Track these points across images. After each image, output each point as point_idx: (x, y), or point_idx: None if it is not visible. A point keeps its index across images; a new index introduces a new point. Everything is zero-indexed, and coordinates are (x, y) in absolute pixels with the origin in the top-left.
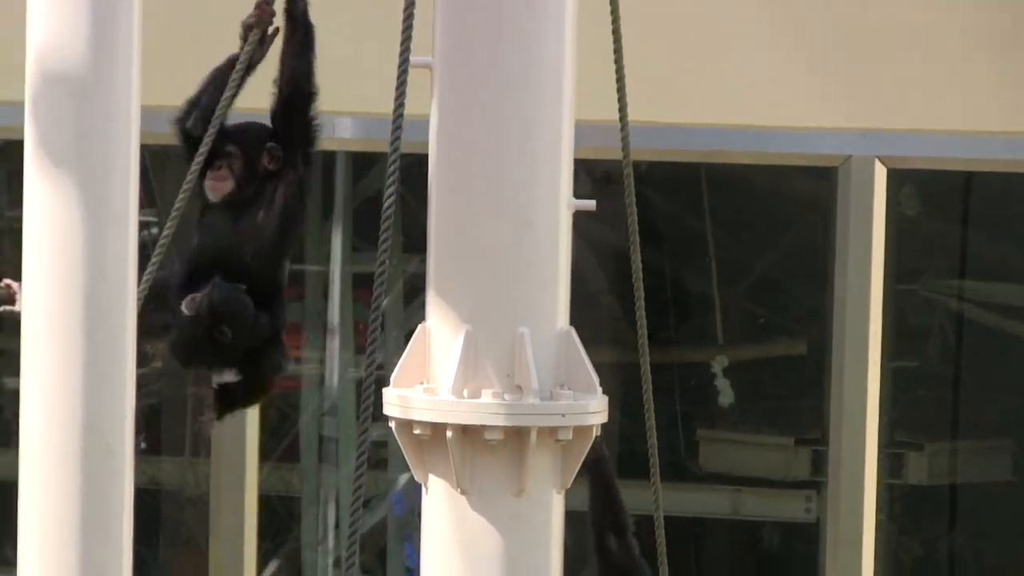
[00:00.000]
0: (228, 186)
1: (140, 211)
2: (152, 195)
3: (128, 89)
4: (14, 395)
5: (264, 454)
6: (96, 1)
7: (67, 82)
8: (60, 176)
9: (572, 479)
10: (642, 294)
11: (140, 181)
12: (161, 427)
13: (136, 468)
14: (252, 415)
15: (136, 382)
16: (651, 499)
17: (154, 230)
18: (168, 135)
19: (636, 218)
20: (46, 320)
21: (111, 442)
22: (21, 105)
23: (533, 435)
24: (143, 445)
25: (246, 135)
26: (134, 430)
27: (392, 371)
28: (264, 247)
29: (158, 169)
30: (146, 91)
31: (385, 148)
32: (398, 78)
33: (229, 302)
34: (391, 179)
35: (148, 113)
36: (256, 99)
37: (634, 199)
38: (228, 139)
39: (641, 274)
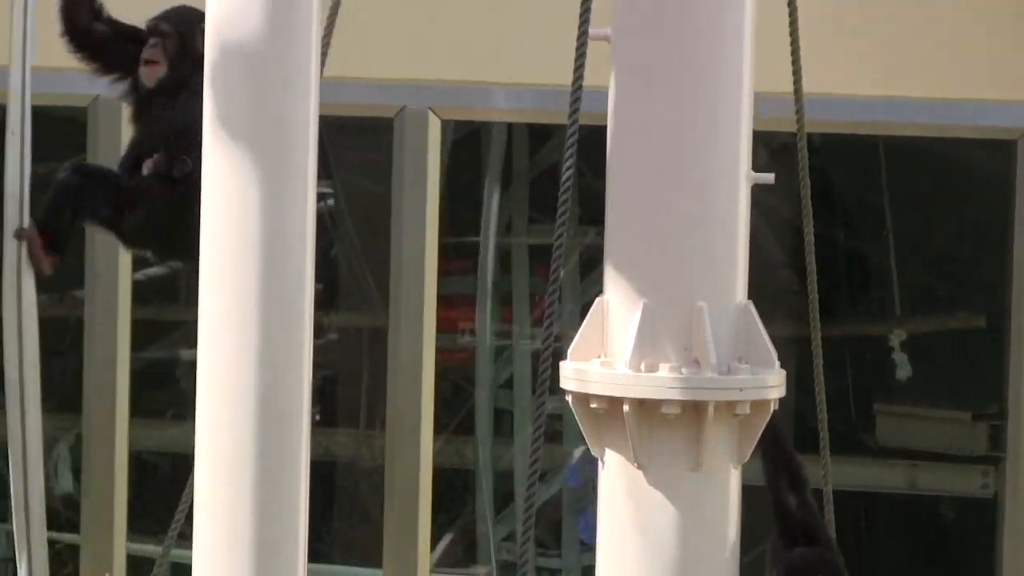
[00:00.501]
0: (161, 68)
1: (316, 182)
2: (328, 167)
3: (307, 59)
4: (191, 367)
5: (439, 427)
6: None
7: (245, 53)
8: (237, 148)
9: (749, 453)
10: (814, 267)
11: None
12: (336, 399)
13: (311, 440)
14: (427, 387)
15: (312, 353)
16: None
17: (330, 201)
18: (344, 107)
19: (809, 191)
20: (223, 292)
21: (287, 414)
22: None
23: (711, 410)
24: (317, 417)
25: (179, 16)
26: (310, 402)
27: (569, 344)
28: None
29: (334, 140)
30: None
31: (563, 120)
32: (577, 50)
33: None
34: (569, 151)
35: (324, 84)
36: None
37: (807, 171)
38: (161, 20)
39: (813, 247)
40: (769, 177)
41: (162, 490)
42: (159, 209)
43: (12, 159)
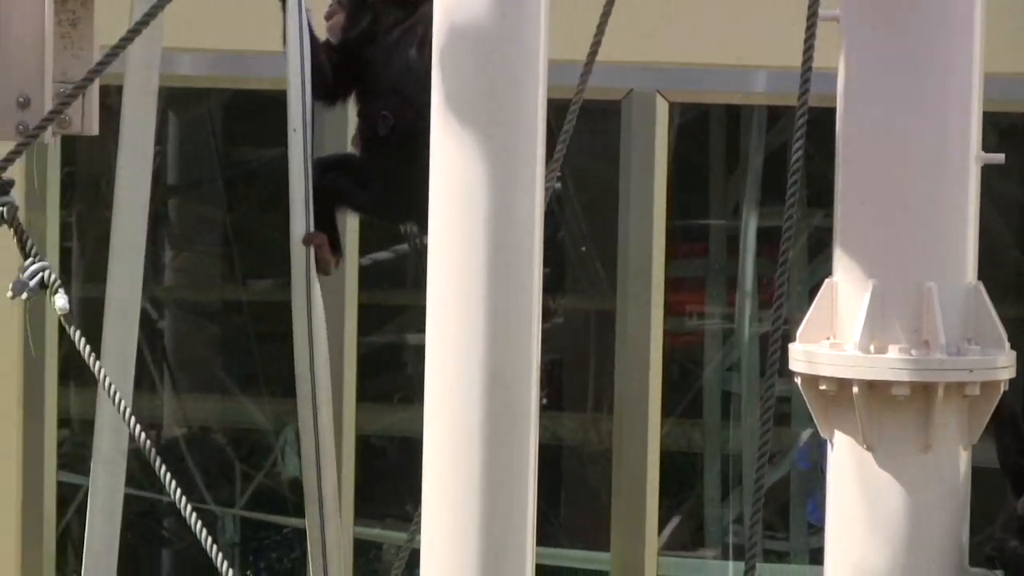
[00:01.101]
0: (340, 19)
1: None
2: (553, 149)
3: (536, 42)
4: (419, 351)
5: (666, 410)
6: None
7: (474, 37)
8: (466, 131)
9: (979, 435)
10: None
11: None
12: (563, 382)
13: (538, 424)
14: (655, 370)
15: (540, 337)
16: None
17: (557, 185)
18: (572, 89)
19: None
20: (452, 275)
21: (515, 397)
22: None
23: (940, 391)
24: (544, 401)
25: None
26: (538, 386)
27: (796, 326)
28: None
29: (560, 122)
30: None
31: (792, 101)
32: (806, 31)
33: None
34: (799, 132)
35: (551, 66)
36: None
37: None
38: None
39: None
40: (999, 158)
41: (389, 475)
42: (385, 174)
43: (295, 159)
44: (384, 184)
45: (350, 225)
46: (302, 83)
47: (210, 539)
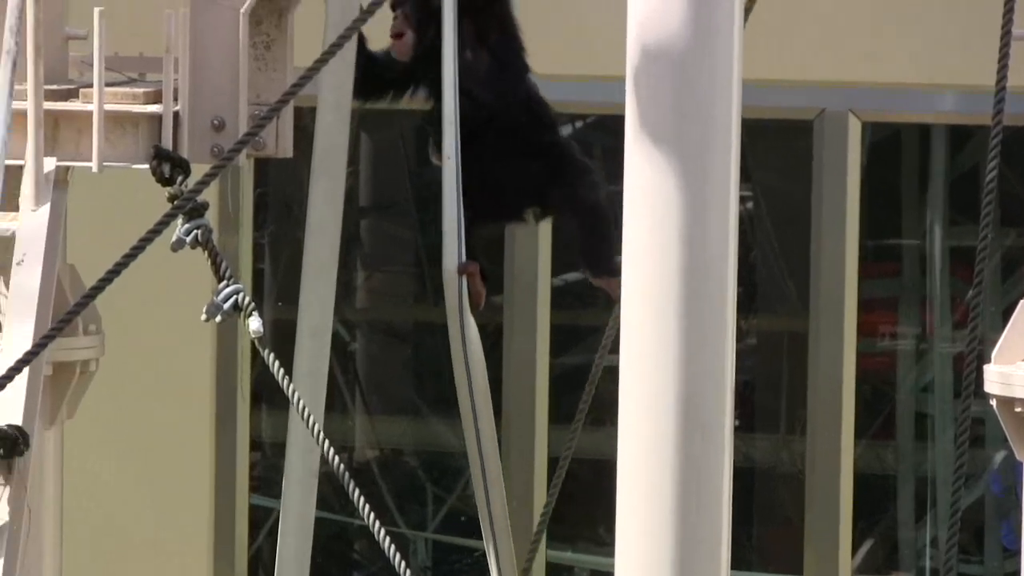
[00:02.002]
0: (408, 39)
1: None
2: (747, 170)
3: (729, 64)
4: (611, 372)
5: (859, 431)
6: None
7: (667, 57)
8: (660, 151)
9: None
10: None
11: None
12: (755, 403)
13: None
14: (848, 391)
15: (734, 358)
16: None
17: (749, 205)
18: (764, 109)
19: None
20: (644, 296)
21: (709, 418)
22: (619, 81)
23: None
24: (737, 422)
25: None
26: (732, 408)
27: (991, 347)
28: (490, 82)
29: (754, 143)
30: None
31: (984, 121)
32: (1000, 50)
33: None
34: (993, 152)
35: (744, 87)
36: None
37: None
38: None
39: None
40: None
41: (580, 497)
42: (477, 178)
43: (448, 188)
44: (480, 188)
45: (541, 245)
46: (454, 111)
47: (403, 563)
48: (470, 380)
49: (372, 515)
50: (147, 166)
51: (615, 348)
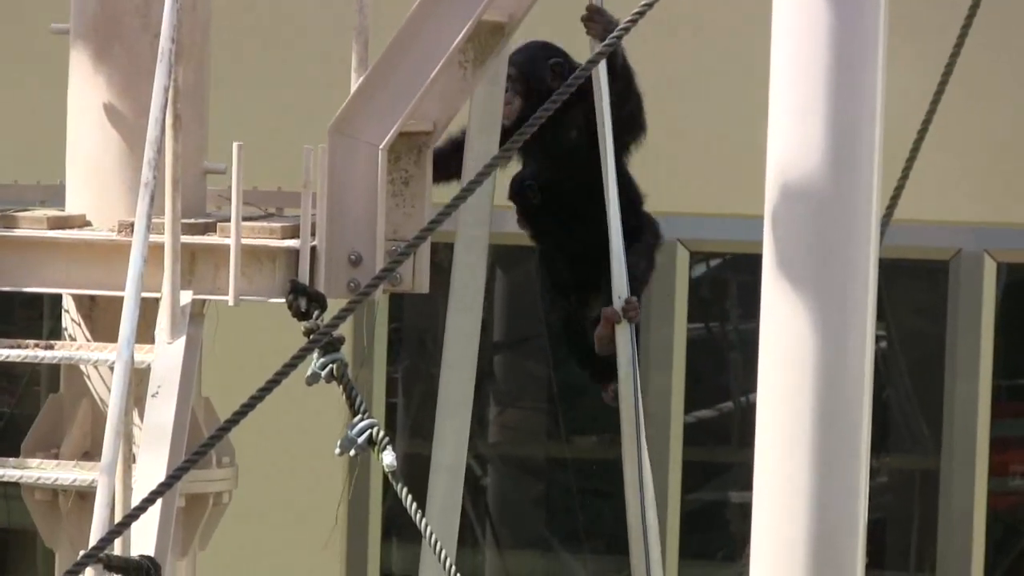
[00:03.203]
0: (515, 106)
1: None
2: (883, 308)
3: (868, 202)
4: (742, 508)
5: (989, 570)
6: (837, 114)
7: (806, 196)
8: (797, 290)
9: None
10: None
11: None
12: (886, 541)
13: None
14: (978, 531)
15: (867, 496)
16: None
17: (883, 344)
18: (901, 249)
19: None
20: (779, 434)
21: (842, 555)
22: (757, 219)
23: None
24: (867, 559)
25: (524, 54)
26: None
27: None
28: (586, 163)
29: (889, 282)
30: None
31: None
32: None
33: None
34: None
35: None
36: None
37: None
38: (508, 66)
39: None
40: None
41: None
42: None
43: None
44: (570, 261)
45: (675, 380)
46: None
47: None
48: (644, 506)
49: None
50: (283, 300)
51: (745, 483)
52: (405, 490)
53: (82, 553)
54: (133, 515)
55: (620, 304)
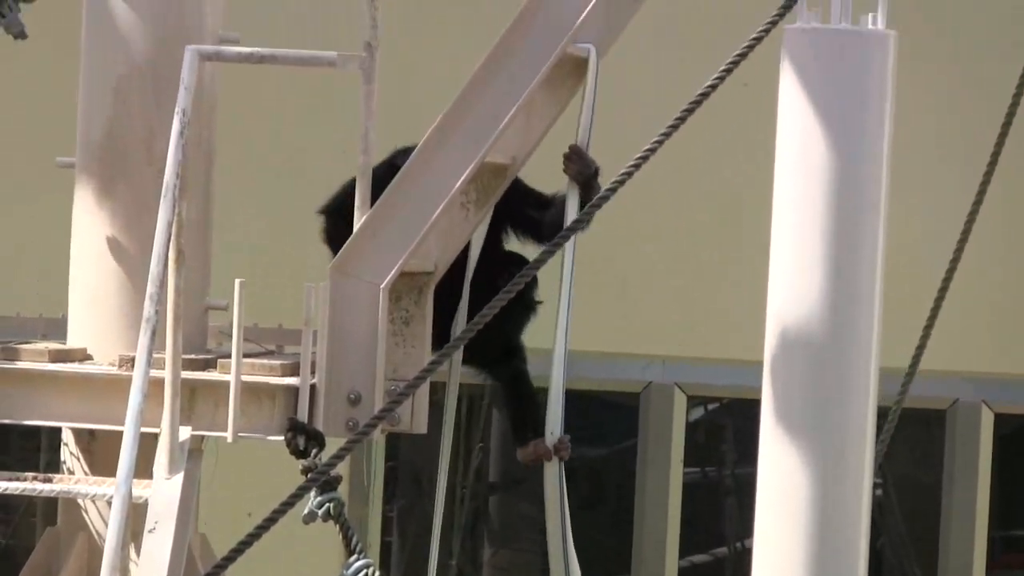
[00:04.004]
0: None
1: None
2: (878, 457)
3: (867, 351)
4: None
5: None
6: (837, 265)
7: (805, 345)
8: (794, 437)
9: None
10: None
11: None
12: None
13: None
14: None
15: None
16: None
17: (879, 491)
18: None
19: None
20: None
21: None
22: (754, 365)
23: None
24: None
25: None
26: None
27: None
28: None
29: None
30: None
31: None
32: None
33: None
34: None
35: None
36: None
37: None
38: None
39: None
40: None
41: None
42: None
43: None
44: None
45: (671, 526)
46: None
47: None
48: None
49: None
50: (282, 438)
51: None
52: None
53: None
54: None
55: (552, 441)
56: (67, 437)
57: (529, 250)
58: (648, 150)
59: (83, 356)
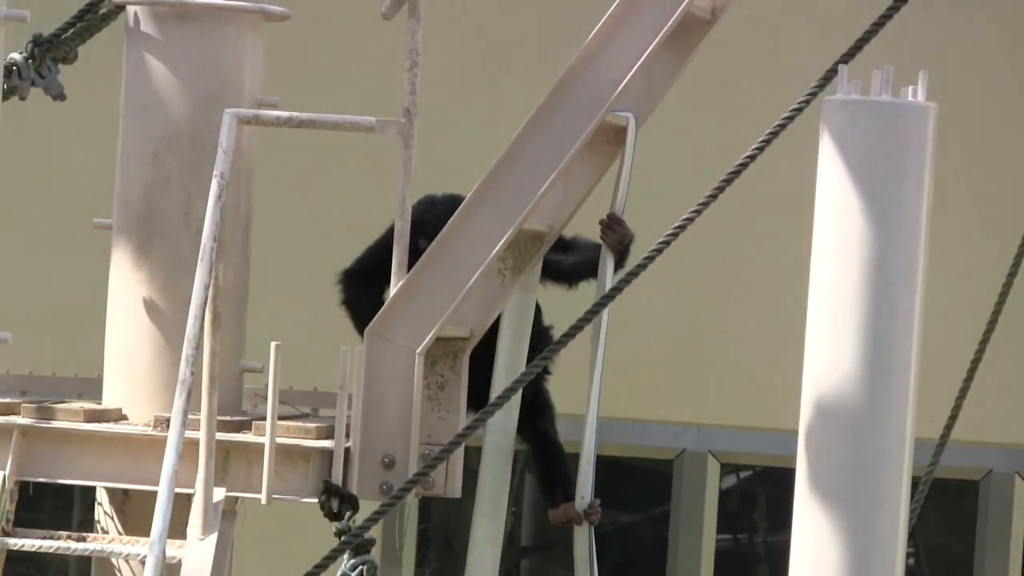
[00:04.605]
0: None
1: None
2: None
3: (903, 421)
4: None
5: None
6: (873, 333)
7: (841, 413)
8: (828, 507)
9: None
10: None
11: None
12: None
13: None
14: None
15: None
16: None
17: (911, 561)
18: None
19: None
20: None
21: None
22: (788, 434)
23: None
24: None
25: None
26: None
27: None
28: None
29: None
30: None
31: None
32: None
33: None
34: None
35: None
36: None
37: None
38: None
39: None
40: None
41: None
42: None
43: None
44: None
45: (704, 558)
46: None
47: None
48: None
49: None
50: (316, 500)
51: None
52: None
53: None
54: None
55: (583, 505)
56: (101, 496)
57: (550, 292)
58: (687, 219)
59: (118, 416)
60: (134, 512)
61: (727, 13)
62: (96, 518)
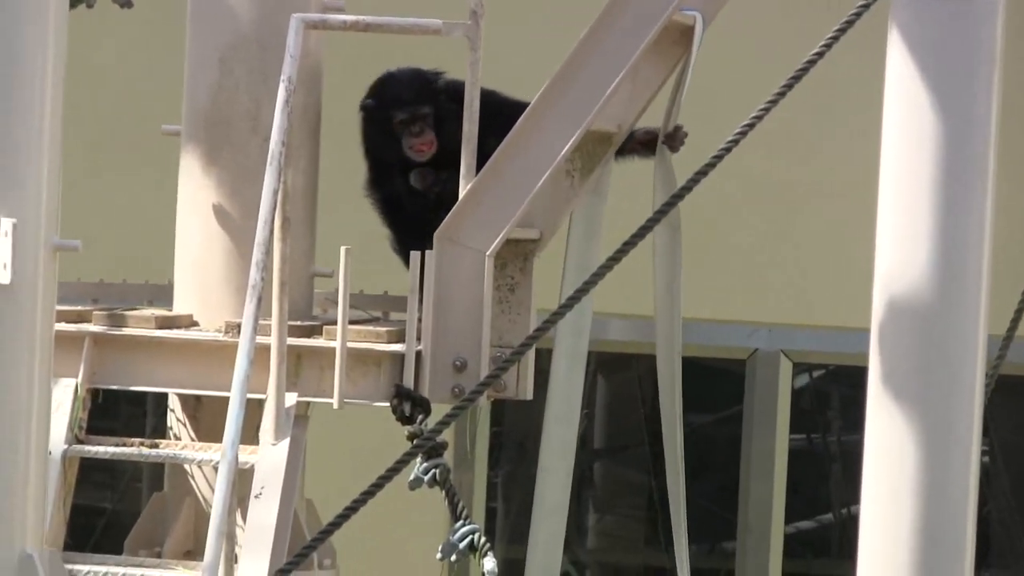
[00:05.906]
0: (432, 147)
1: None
2: (985, 424)
3: (976, 317)
4: None
5: None
6: (945, 229)
7: (913, 310)
8: (902, 404)
9: None
10: None
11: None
12: None
13: None
14: None
15: None
16: None
17: (986, 459)
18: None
19: None
20: (881, 546)
21: None
22: (861, 332)
23: None
24: None
25: (418, 91)
26: None
27: None
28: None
29: (991, 398)
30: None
31: None
32: None
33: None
34: None
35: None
36: None
37: None
38: (408, 106)
39: None
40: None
41: None
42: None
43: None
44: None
45: (776, 492)
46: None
47: None
48: None
49: None
50: (388, 404)
51: None
52: None
53: None
54: None
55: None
56: (173, 403)
57: None
58: (748, 124)
59: (189, 322)
60: (206, 418)
61: None
62: (168, 425)
